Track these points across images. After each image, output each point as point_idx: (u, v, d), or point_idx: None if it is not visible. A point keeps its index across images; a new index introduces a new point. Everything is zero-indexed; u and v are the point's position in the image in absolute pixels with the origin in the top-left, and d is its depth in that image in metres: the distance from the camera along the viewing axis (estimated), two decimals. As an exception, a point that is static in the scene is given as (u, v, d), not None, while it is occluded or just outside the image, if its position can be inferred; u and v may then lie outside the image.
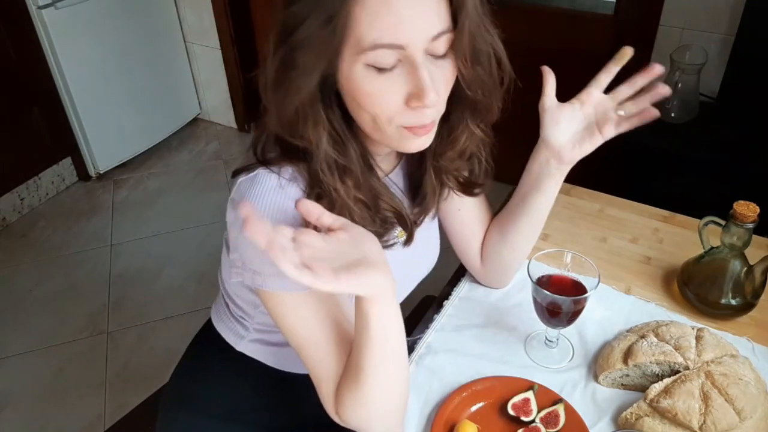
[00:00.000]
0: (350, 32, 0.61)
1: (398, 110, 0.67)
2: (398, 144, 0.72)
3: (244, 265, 0.73)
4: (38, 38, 2.47)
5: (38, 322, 2.17)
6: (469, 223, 0.98)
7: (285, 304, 0.73)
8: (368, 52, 0.62)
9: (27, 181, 2.66)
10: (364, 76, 0.64)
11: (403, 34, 0.62)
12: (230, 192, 0.75)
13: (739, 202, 0.91)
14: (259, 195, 0.70)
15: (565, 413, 0.84)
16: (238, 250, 0.73)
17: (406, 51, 0.63)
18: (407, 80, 0.65)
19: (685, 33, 2.03)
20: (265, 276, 0.71)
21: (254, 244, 0.54)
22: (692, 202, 1.28)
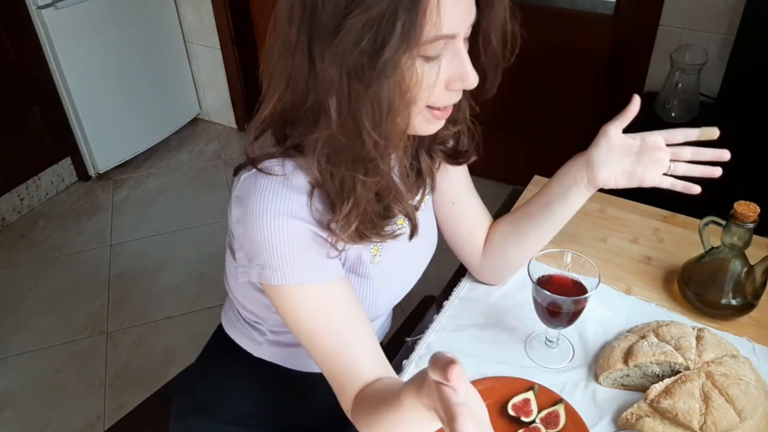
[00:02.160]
0: (417, 30, 0.60)
1: (438, 93, 0.68)
2: (419, 128, 0.72)
3: (250, 262, 0.72)
4: (38, 38, 2.47)
5: (38, 322, 2.17)
6: (462, 217, 0.97)
7: (293, 296, 0.72)
8: (425, 45, 0.62)
9: (27, 181, 2.66)
10: (412, 66, 0.64)
11: (458, 25, 0.64)
12: (230, 191, 0.75)
13: (740, 202, 0.91)
14: (266, 188, 0.69)
15: (565, 414, 0.84)
16: (244, 248, 0.73)
17: (454, 39, 0.65)
18: (450, 65, 0.66)
19: (685, 33, 2.03)
20: (273, 269, 0.70)
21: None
22: (692, 201, 1.28)
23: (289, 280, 0.71)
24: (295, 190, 0.70)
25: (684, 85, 1.89)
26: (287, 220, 0.69)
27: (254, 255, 0.71)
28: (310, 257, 0.71)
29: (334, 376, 0.75)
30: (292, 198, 0.69)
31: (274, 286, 0.72)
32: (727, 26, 1.94)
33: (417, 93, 0.66)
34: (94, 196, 2.80)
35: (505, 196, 1.31)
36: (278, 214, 0.68)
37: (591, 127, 0.89)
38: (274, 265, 0.70)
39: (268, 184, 0.69)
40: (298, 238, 0.70)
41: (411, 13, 0.59)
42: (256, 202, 0.69)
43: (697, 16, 1.98)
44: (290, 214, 0.69)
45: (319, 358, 0.75)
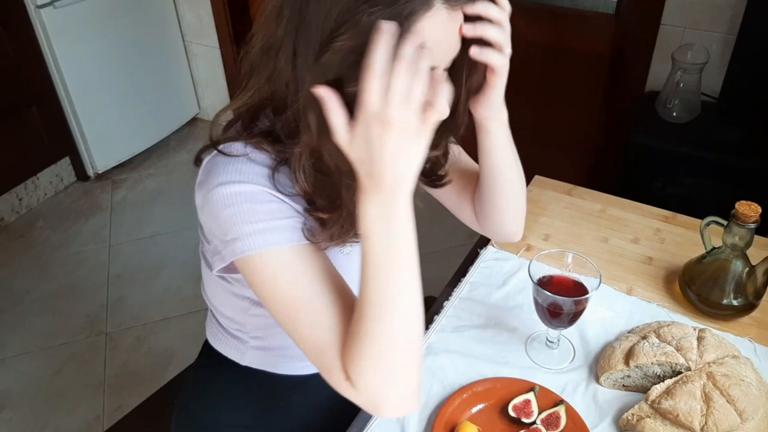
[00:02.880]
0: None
1: None
2: None
3: (222, 243, 0.69)
4: (36, 38, 2.46)
5: (36, 323, 2.16)
6: (454, 186, 0.94)
7: (269, 264, 0.68)
8: None
9: (25, 181, 2.65)
10: None
11: (440, 59, 0.65)
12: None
13: (741, 202, 0.91)
14: (225, 164, 0.68)
15: (566, 415, 0.83)
16: (213, 233, 0.71)
17: (434, 70, 0.65)
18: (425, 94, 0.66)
19: (686, 32, 2.02)
20: (244, 238, 0.67)
21: None
22: (694, 202, 1.28)
23: (262, 245, 0.67)
24: (257, 164, 0.69)
25: (685, 84, 1.88)
26: (248, 186, 0.67)
27: (224, 233, 0.68)
28: (282, 219, 0.68)
29: (323, 346, 0.68)
30: (253, 170, 0.68)
31: (250, 261, 0.68)
32: (728, 25, 1.94)
33: None
34: (92, 197, 2.79)
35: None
36: (238, 183, 0.67)
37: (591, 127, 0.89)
38: (244, 233, 0.67)
39: (228, 161, 0.68)
40: (263, 201, 0.68)
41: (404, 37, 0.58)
42: (215, 178, 0.68)
43: (699, 15, 1.98)
44: (250, 181, 0.67)
45: (303, 331, 0.68)
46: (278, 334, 0.90)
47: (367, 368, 0.65)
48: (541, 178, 1.33)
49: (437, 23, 0.61)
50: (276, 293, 0.69)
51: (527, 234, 1.18)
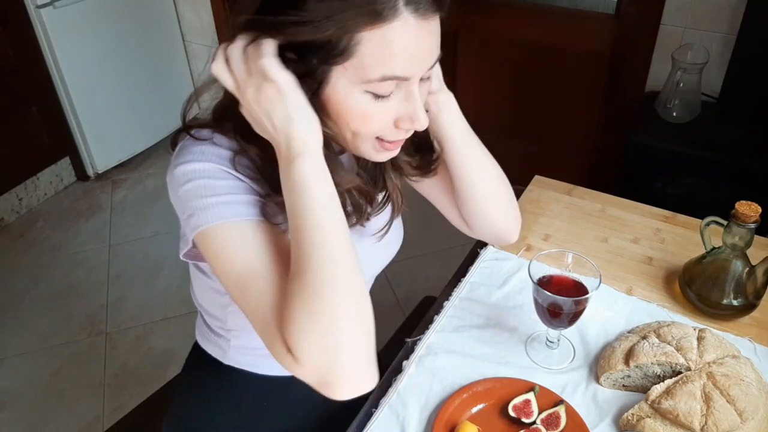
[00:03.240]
0: (356, 58, 0.61)
1: (385, 129, 0.69)
2: (367, 155, 0.73)
3: (184, 223, 0.70)
4: (36, 37, 2.46)
5: (36, 323, 2.16)
6: (447, 192, 0.92)
7: (223, 237, 0.67)
8: (374, 83, 0.63)
9: (25, 181, 2.65)
10: (361, 100, 0.65)
11: (412, 69, 0.64)
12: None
13: (741, 202, 0.91)
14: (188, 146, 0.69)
15: (566, 415, 0.83)
16: (177, 211, 0.71)
17: (407, 81, 0.65)
18: (401, 105, 0.67)
19: (686, 32, 2.02)
20: (201, 211, 0.67)
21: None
22: (694, 202, 1.28)
23: (216, 217, 0.66)
24: (220, 147, 0.70)
25: (685, 84, 1.88)
26: (206, 164, 0.68)
27: (183, 210, 0.69)
28: (237, 194, 0.69)
29: (267, 320, 0.66)
30: (214, 151, 0.69)
31: (206, 236, 0.67)
32: (728, 25, 1.94)
33: (362, 126, 0.67)
34: (92, 197, 2.79)
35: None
36: (197, 161, 0.68)
37: (591, 127, 0.89)
38: (200, 207, 0.67)
39: (192, 143, 0.70)
40: (220, 177, 0.68)
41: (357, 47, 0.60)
42: (177, 159, 0.69)
43: (699, 15, 1.98)
44: (209, 160, 0.68)
45: (251, 302, 0.67)
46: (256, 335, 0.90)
47: (302, 333, 0.62)
48: (541, 178, 1.33)
49: (407, 33, 0.61)
50: (227, 267, 0.68)
51: (527, 234, 1.18)
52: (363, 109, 0.65)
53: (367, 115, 0.66)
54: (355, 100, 0.65)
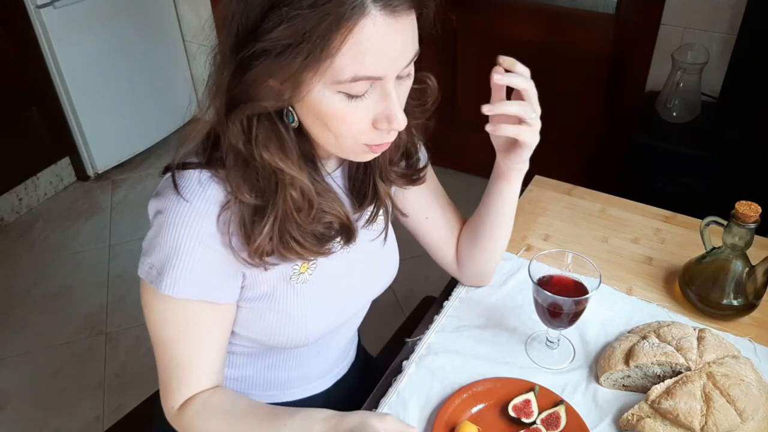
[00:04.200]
0: (327, 59, 0.60)
1: (365, 131, 0.68)
2: (354, 157, 0.72)
3: (144, 255, 0.72)
4: (36, 37, 2.46)
5: (36, 323, 2.16)
6: (437, 229, 0.97)
7: (166, 303, 0.73)
8: (345, 83, 0.62)
9: (25, 181, 2.65)
10: (334, 101, 0.64)
11: (385, 68, 0.63)
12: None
13: (741, 202, 0.91)
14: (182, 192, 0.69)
15: (566, 415, 0.83)
16: (147, 240, 0.73)
17: (382, 80, 0.64)
18: (377, 105, 0.66)
19: (686, 32, 2.03)
20: (161, 274, 0.70)
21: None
22: (694, 202, 1.28)
23: (169, 290, 0.70)
24: (209, 201, 0.69)
25: (685, 84, 1.88)
26: (194, 242, 0.69)
27: (149, 252, 0.71)
28: (203, 276, 0.71)
29: (171, 379, 0.78)
30: (205, 210, 0.69)
31: (150, 286, 0.72)
32: (728, 25, 1.94)
33: (340, 128, 0.66)
34: (92, 197, 2.79)
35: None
36: (188, 233, 0.68)
37: (591, 127, 0.89)
38: (163, 272, 0.70)
39: (184, 188, 0.69)
40: (200, 259, 0.70)
41: (313, 51, 0.59)
42: (169, 208, 0.69)
43: (699, 15, 1.98)
44: (199, 233, 0.69)
45: (163, 359, 0.77)
46: (246, 366, 0.91)
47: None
48: (541, 178, 1.33)
49: (375, 31, 0.60)
50: (156, 325, 0.75)
51: (527, 234, 1.18)
52: (338, 110, 0.64)
53: (342, 116, 0.65)
54: (329, 102, 0.64)
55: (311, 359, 0.93)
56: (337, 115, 0.65)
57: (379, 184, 0.83)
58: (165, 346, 0.76)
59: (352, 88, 0.63)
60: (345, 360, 1.02)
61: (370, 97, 0.65)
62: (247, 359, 0.90)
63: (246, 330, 0.82)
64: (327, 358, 0.96)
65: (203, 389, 0.79)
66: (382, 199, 0.85)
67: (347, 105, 0.64)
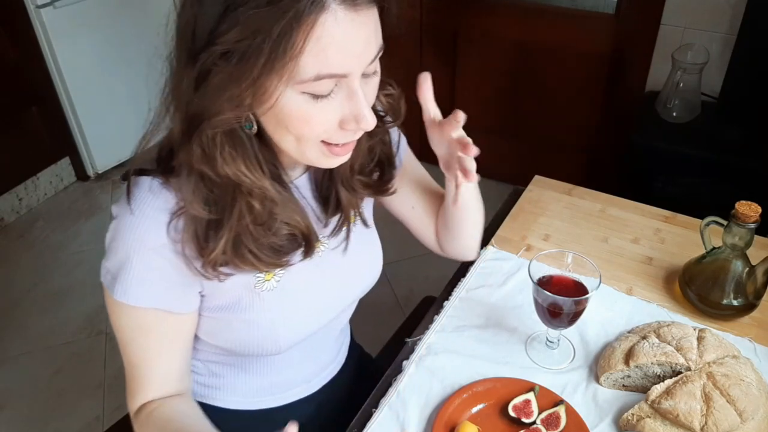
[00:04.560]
0: (290, 60, 0.58)
1: (330, 131, 0.65)
2: (316, 161, 0.69)
3: (105, 258, 0.72)
4: (36, 38, 2.46)
5: (36, 323, 2.16)
6: (422, 216, 0.98)
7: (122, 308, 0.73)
8: (309, 82, 0.60)
9: (25, 181, 2.65)
10: (298, 102, 0.61)
11: (349, 65, 0.61)
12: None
13: (741, 202, 0.91)
14: (134, 202, 0.68)
15: (566, 415, 0.83)
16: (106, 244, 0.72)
17: (347, 78, 0.62)
18: (343, 104, 0.64)
19: (686, 32, 2.03)
20: (117, 281, 0.70)
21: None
22: (694, 202, 1.28)
23: (121, 297, 0.71)
24: (158, 209, 0.68)
25: (685, 84, 1.88)
26: (143, 249, 0.68)
27: (107, 256, 0.71)
28: (155, 285, 0.71)
29: (132, 379, 0.79)
30: (154, 218, 0.68)
31: (105, 291, 0.73)
32: (728, 25, 1.94)
33: (304, 130, 0.63)
34: (92, 197, 2.79)
35: (506, 196, 1.30)
36: (137, 240, 0.68)
37: (591, 127, 0.89)
38: (117, 278, 0.70)
39: (134, 196, 0.69)
40: (152, 267, 0.70)
41: (284, 45, 0.56)
42: (121, 215, 0.69)
43: (699, 15, 1.98)
44: (148, 241, 0.68)
45: (124, 360, 0.78)
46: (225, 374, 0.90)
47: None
48: (541, 178, 1.33)
49: (335, 26, 0.57)
50: (116, 326, 0.76)
51: (527, 234, 1.18)
52: (302, 111, 0.62)
53: (307, 118, 0.62)
54: (293, 104, 0.61)
55: (292, 365, 0.91)
56: (301, 117, 0.62)
57: (342, 193, 0.81)
58: (123, 348, 0.77)
59: (316, 88, 0.60)
60: (334, 363, 1.00)
61: (336, 97, 0.63)
62: (224, 368, 0.89)
63: (215, 339, 0.81)
64: (312, 362, 0.94)
65: (162, 395, 0.79)
66: (345, 210, 0.82)
67: (312, 106, 0.62)
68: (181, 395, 0.81)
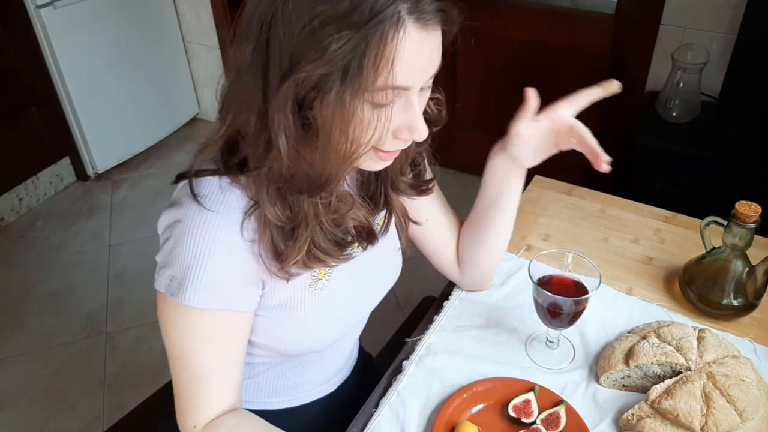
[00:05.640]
0: (368, 75, 0.60)
1: (384, 138, 0.67)
2: (363, 165, 0.71)
3: (162, 269, 0.71)
4: (36, 37, 2.46)
5: (36, 323, 2.16)
6: (438, 232, 0.98)
7: (187, 315, 0.71)
8: (374, 92, 0.62)
9: (25, 181, 2.65)
10: (360, 109, 0.63)
11: (414, 79, 0.63)
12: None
13: (741, 202, 0.91)
14: (203, 200, 0.68)
15: (566, 415, 0.83)
16: (163, 253, 0.71)
17: (408, 90, 0.64)
18: (400, 114, 0.66)
19: (686, 32, 2.03)
20: (182, 285, 0.69)
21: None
22: (694, 202, 1.28)
23: (193, 301, 0.69)
24: (232, 208, 0.68)
25: (685, 84, 1.88)
26: (218, 250, 0.68)
27: (169, 264, 0.69)
28: (227, 284, 0.70)
29: (192, 397, 0.75)
30: (228, 217, 0.68)
31: (171, 299, 0.70)
32: (728, 25, 1.94)
33: (362, 136, 0.65)
34: (92, 197, 2.79)
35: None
36: (212, 241, 0.67)
37: (591, 127, 0.89)
38: (185, 283, 0.68)
39: (205, 196, 0.68)
40: (223, 267, 0.69)
41: (362, 62, 0.59)
42: (192, 217, 0.68)
43: (699, 15, 1.98)
44: (223, 242, 0.68)
45: (182, 375, 0.75)
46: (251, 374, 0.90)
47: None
48: (541, 178, 1.33)
49: (408, 43, 0.60)
50: (177, 337, 0.74)
51: (527, 234, 1.18)
52: (363, 118, 0.64)
53: (368, 125, 0.64)
54: (355, 110, 0.63)
55: (317, 365, 0.93)
56: (361, 123, 0.64)
57: (390, 194, 0.83)
58: (185, 360, 0.74)
59: (379, 97, 0.62)
60: (348, 364, 1.01)
61: (394, 107, 0.65)
62: (251, 368, 0.89)
63: (262, 338, 0.81)
64: (332, 363, 0.96)
65: (225, 408, 0.77)
66: (393, 208, 0.84)
67: (372, 114, 0.64)
68: (241, 411, 0.79)
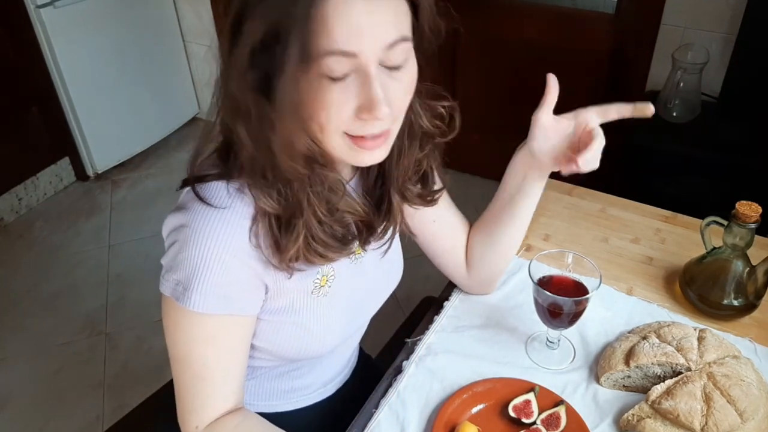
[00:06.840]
0: (296, 39, 0.57)
1: (347, 121, 0.64)
2: (348, 156, 0.68)
3: (167, 273, 0.71)
4: (36, 37, 2.46)
5: (36, 323, 2.16)
6: (446, 232, 0.96)
7: (191, 319, 0.71)
8: (318, 60, 0.59)
9: (25, 181, 2.65)
10: (316, 85, 0.61)
11: (356, 42, 0.59)
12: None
13: (742, 202, 0.91)
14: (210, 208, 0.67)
15: (566, 415, 0.83)
16: (168, 257, 0.71)
17: (359, 59, 0.60)
18: (359, 91, 0.62)
19: (687, 32, 2.02)
20: (187, 289, 0.69)
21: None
22: (694, 202, 1.28)
23: (198, 306, 0.69)
24: (239, 214, 0.68)
25: (686, 84, 1.88)
26: (225, 255, 0.67)
27: (174, 268, 0.69)
28: (232, 290, 0.70)
29: (196, 397, 0.75)
30: (236, 223, 0.68)
31: (176, 303, 0.70)
32: (728, 25, 1.94)
33: (321, 114, 0.63)
34: (92, 197, 2.79)
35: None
36: (218, 246, 0.67)
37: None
38: (191, 287, 0.68)
39: (214, 200, 0.68)
40: (229, 272, 0.69)
41: (296, 20, 0.57)
42: (199, 221, 0.67)
43: (699, 15, 1.98)
44: (230, 247, 0.67)
45: (185, 376, 0.75)
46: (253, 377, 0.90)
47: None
48: (541, 178, 1.33)
49: (341, 4, 0.57)
50: (179, 339, 0.74)
51: (527, 234, 1.17)
52: (318, 94, 0.61)
53: (325, 101, 0.62)
54: (312, 87, 0.61)
55: (317, 369, 0.93)
56: (320, 100, 0.62)
57: (394, 198, 0.81)
58: (188, 362, 0.74)
59: (328, 67, 0.59)
60: (347, 367, 1.01)
61: (352, 83, 0.62)
62: (252, 371, 0.89)
63: (263, 342, 0.80)
64: (332, 367, 0.96)
65: (227, 408, 0.77)
66: (394, 215, 0.82)
67: (329, 90, 0.61)
68: (243, 411, 0.80)
